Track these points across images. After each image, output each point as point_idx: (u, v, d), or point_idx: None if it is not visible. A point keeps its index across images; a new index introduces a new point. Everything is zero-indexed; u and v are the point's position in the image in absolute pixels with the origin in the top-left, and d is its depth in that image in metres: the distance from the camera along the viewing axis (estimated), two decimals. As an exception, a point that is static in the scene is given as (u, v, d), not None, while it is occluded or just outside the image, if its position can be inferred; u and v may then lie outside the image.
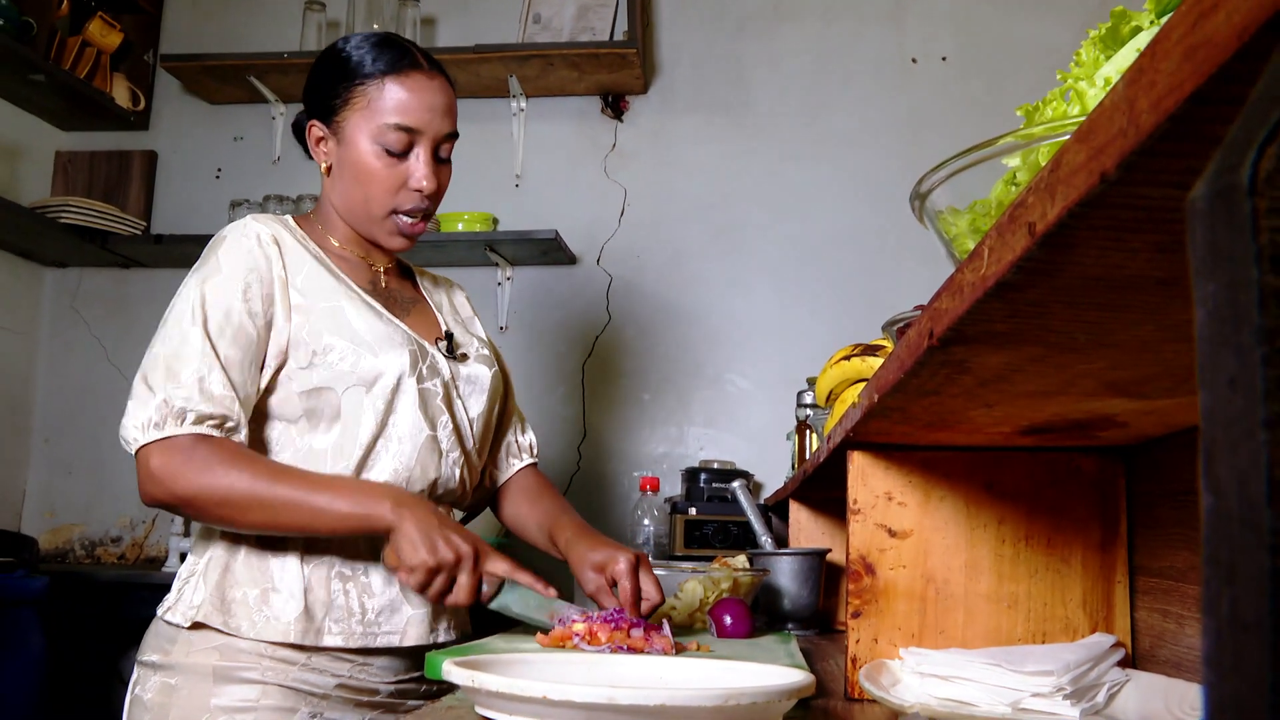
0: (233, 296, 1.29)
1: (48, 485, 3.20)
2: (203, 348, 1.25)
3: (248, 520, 1.24)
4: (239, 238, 1.35)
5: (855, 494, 1.02)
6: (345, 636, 1.31)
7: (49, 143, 3.33)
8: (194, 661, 1.27)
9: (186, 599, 1.31)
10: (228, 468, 1.22)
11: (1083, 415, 0.82)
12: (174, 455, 1.22)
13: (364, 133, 1.38)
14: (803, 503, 1.96)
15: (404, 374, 1.35)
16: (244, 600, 1.29)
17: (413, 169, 1.39)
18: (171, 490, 1.22)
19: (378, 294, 1.45)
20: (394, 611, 1.35)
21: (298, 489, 1.23)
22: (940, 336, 0.58)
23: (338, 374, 1.33)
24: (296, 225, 1.44)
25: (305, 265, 1.37)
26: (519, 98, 3.19)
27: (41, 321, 3.28)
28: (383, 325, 1.37)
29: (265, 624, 1.28)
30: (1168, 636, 0.92)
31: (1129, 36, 0.65)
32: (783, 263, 3.06)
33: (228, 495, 1.22)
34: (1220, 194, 0.18)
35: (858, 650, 1.00)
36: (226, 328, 1.28)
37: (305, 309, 1.33)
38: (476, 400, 1.48)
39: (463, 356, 1.49)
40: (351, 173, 1.40)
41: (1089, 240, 0.41)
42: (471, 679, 0.71)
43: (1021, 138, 0.64)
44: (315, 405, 1.33)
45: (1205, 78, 0.28)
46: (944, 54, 3.13)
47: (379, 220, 1.41)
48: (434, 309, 1.55)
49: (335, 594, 1.33)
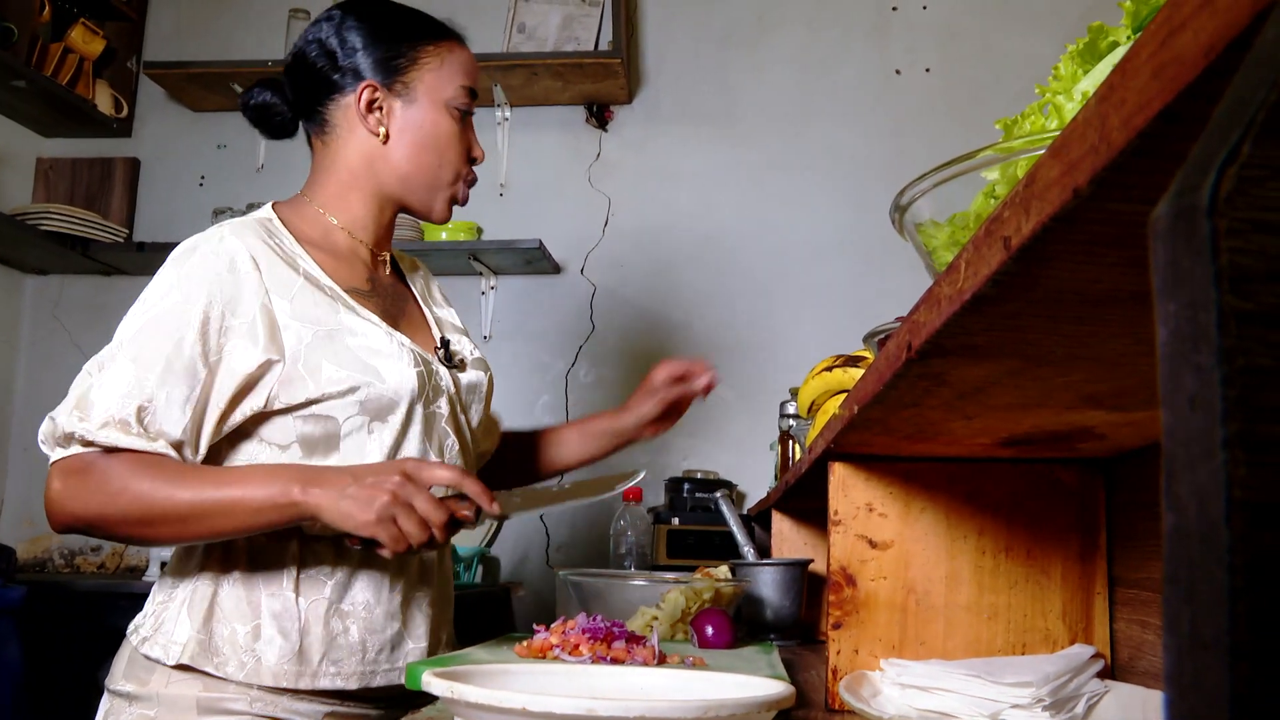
0: (184, 328, 1.15)
1: (26, 494, 3.18)
2: (130, 386, 1.12)
3: (159, 535, 1.12)
4: (209, 257, 1.19)
5: (836, 505, 1.02)
6: (343, 678, 1.22)
7: (30, 149, 3.31)
8: (175, 693, 1.18)
9: (167, 633, 1.20)
10: (126, 481, 1.09)
11: (1061, 427, 0.83)
12: (71, 476, 1.11)
13: (437, 92, 1.33)
14: (785, 513, 1.96)
15: (415, 400, 1.25)
16: (232, 638, 1.19)
17: (471, 136, 1.38)
18: (71, 513, 1.11)
19: (377, 294, 1.34)
20: (395, 648, 1.27)
21: (202, 490, 1.09)
22: (918, 349, 0.58)
23: (341, 404, 1.21)
24: (281, 223, 1.30)
25: (293, 285, 1.22)
26: (503, 107, 3.20)
27: (21, 329, 3.26)
28: (388, 346, 1.25)
29: (256, 665, 1.18)
30: (1147, 648, 0.93)
31: (1106, 51, 0.66)
32: (766, 273, 3.07)
33: (126, 511, 1.09)
34: (1181, 214, 0.18)
35: (838, 661, 1.00)
36: (174, 362, 1.13)
37: (299, 340, 1.20)
38: (476, 410, 1.41)
39: (461, 364, 1.40)
40: (424, 136, 1.33)
41: (1063, 254, 0.42)
42: (451, 690, 0.71)
43: (1000, 151, 0.64)
44: (311, 432, 1.21)
45: (1174, 95, 0.28)
46: (927, 65, 3.14)
47: (445, 186, 1.36)
48: (419, 304, 1.44)
49: (335, 632, 1.22)
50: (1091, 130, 0.34)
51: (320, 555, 1.23)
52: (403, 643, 1.28)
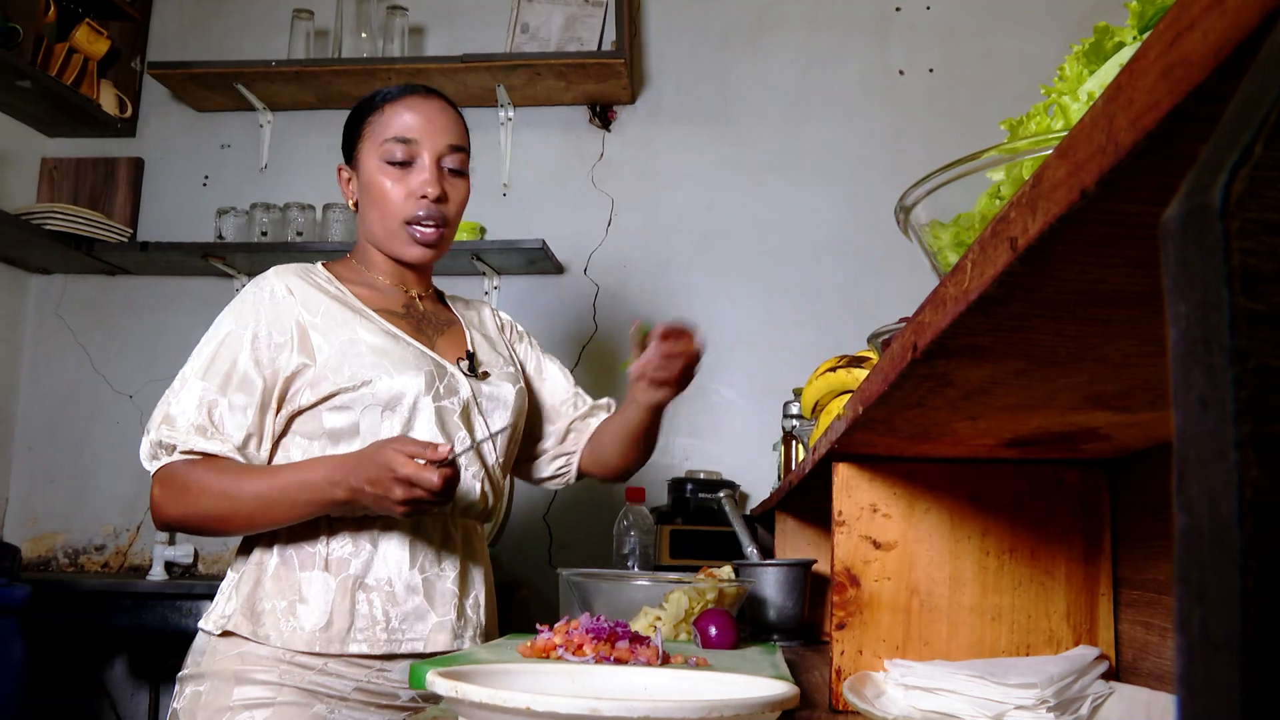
0: (239, 349, 1.41)
1: (30, 493, 3.18)
2: (200, 397, 1.38)
3: (232, 529, 1.38)
4: (255, 291, 1.47)
5: (840, 506, 1.02)
6: (370, 644, 1.39)
7: (35, 149, 3.32)
8: (219, 667, 1.37)
9: (220, 609, 1.42)
10: (202, 487, 1.34)
11: (1066, 428, 0.83)
12: (165, 484, 1.36)
13: (371, 154, 1.51)
14: (788, 514, 1.96)
15: (420, 393, 1.44)
16: (273, 611, 1.39)
17: (416, 178, 1.50)
18: (166, 516, 1.37)
19: (411, 317, 1.56)
20: (419, 619, 1.43)
21: (261, 491, 1.34)
22: (923, 350, 0.58)
23: (357, 396, 1.42)
24: (325, 270, 1.55)
25: (322, 305, 1.47)
26: (506, 107, 3.20)
27: (25, 328, 3.26)
28: (399, 349, 1.47)
29: (292, 633, 1.37)
30: (1151, 649, 0.93)
31: (1112, 51, 0.66)
32: (769, 273, 3.07)
33: (207, 513, 1.35)
34: (1192, 215, 0.18)
35: (842, 662, 1.00)
36: (233, 376, 1.39)
37: (325, 346, 1.43)
38: (500, 415, 1.56)
39: (484, 375, 1.57)
40: (368, 195, 1.52)
41: (1070, 255, 0.42)
42: (455, 689, 0.71)
43: (1005, 152, 0.64)
44: (336, 425, 1.43)
45: (1182, 96, 0.28)
46: (930, 65, 3.14)
47: (394, 233, 1.51)
48: (465, 329, 1.64)
49: (360, 604, 1.41)
50: (1099, 131, 0.34)
51: (344, 542, 1.43)
52: (426, 615, 1.43)
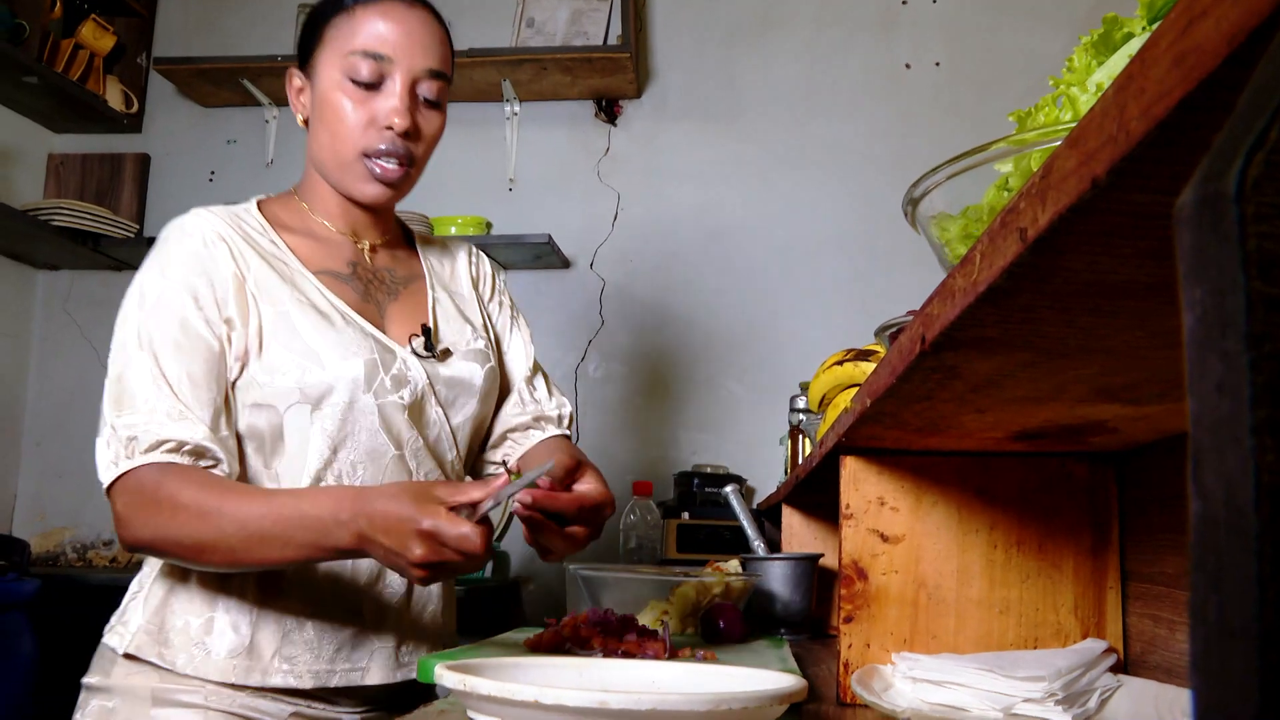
0: (184, 305, 1.15)
1: (39, 488, 3.19)
2: (152, 370, 1.12)
3: (209, 562, 1.08)
4: (182, 237, 1.20)
5: (848, 499, 1.02)
6: (296, 676, 1.16)
7: (41, 145, 3.32)
8: (132, 684, 1.16)
9: (126, 622, 1.20)
10: (176, 503, 1.06)
11: (1074, 421, 0.82)
12: (132, 496, 1.09)
13: (333, 66, 1.23)
14: (795, 507, 1.96)
15: (358, 389, 1.18)
16: (184, 630, 1.16)
17: (383, 103, 1.22)
18: (134, 536, 1.09)
19: (358, 279, 1.28)
20: (356, 646, 1.20)
21: (246, 526, 1.04)
22: (932, 342, 0.58)
23: (280, 390, 1.17)
24: (259, 212, 1.28)
25: (253, 263, 1.21)
26: (512, 102, 3.19)
27: (33, 324, 3.27)
28: (335, 332, 1.19)
29: (204, 659, 1.14)
30: (1159, 642, 0.93)
31: (1121, 42, 0.65)
32: (775, 267, 3.07)
33: (180, 539, 1.06)
34: (1207, 200, 0.18)
35: (850, 655, 1.00)
36: (183, 342, 1.13)
37: (256, 314, 1.18)
38: (463, 405, 1.30)
39: (444, 354, 1.29)
40: (321, 113, 1.25)
41: (1080, 246, 0.42)
42: (463, 682, 0.71)
43: (1014, 143, 0.64)
44: (254, 423, 1.18)
45: (1194, 85, 0.28)
46: (937, 60, 3.13)
47: (348, 164, 1.24)
48: (429, 290, 1.36)
49: (288, 627, 1.17)
50: (1110, 120, 0.34)
51: None
52: (365, 642, 1.21)
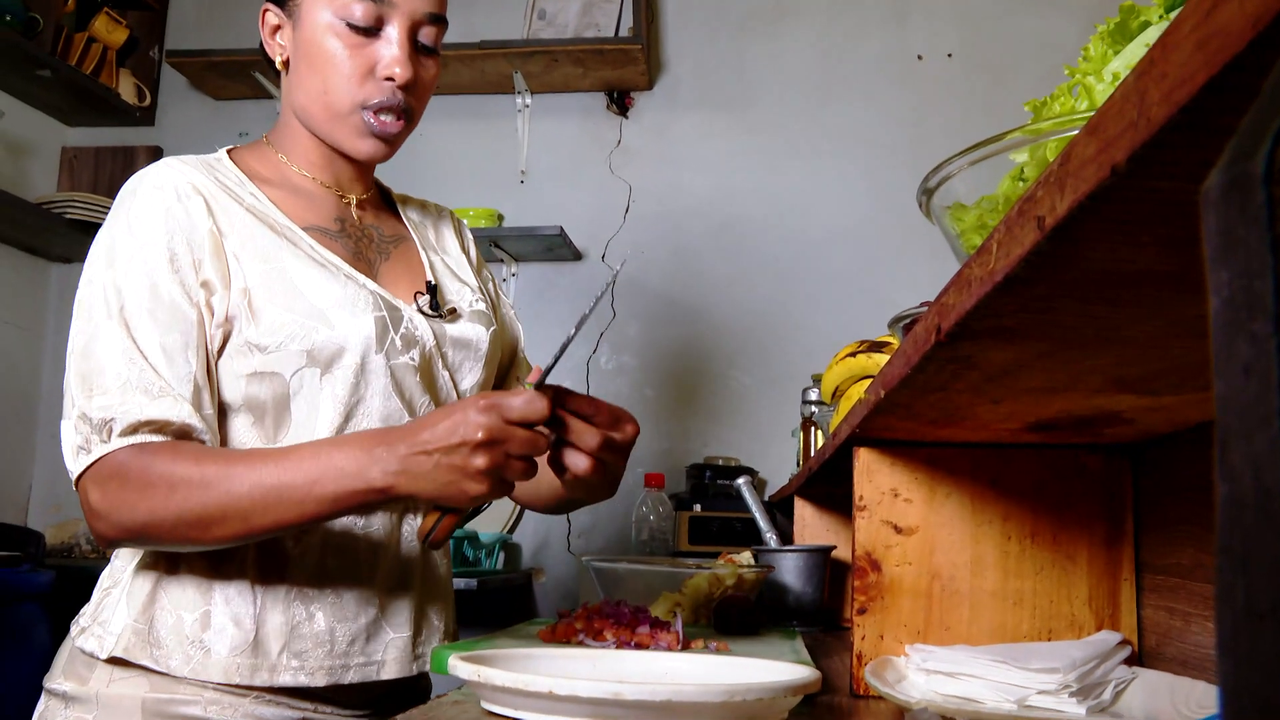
0: (156, 269, 1.02)
1: (53, 480, 3.21)
2: (123, 341, 0.99)
3: (218, 536, 0.96)
4: (152, 191, 1.06)
5: (861, 490, 1.02)
6: (308, 673, 1.05)
7: (55, 138, 3.34)
8: (117, 693, 1.03)
9: (104, 622, 1.05)
10: (172, 480, 0.95)
11: (1090, 411, 0.82)
12: (110, 482, 0.97)
13: (323, 6, 1.11)
14: (808, 499, 1.96)
15: (370, 349, 1.08)
16: (177, 628, 1.03)
17: (382, 52, 1.11)
18: (120, 525, 0.97)
19: (347, 235, 1.18)
20: (371, 637, 1.10)
21: (261, 483, 0.94)
22: (948, 332, 0.58)
23: (286, 355, 1.05)
24: (233, 163, 1.16)
25: (236, 217, 1.09)
26: (524, 94, 3.19)
27: (47, 317, 3.29)
28: (339, 287, 1.09)
29: (204, 659, 1.02)
30: (1174, 634, 0.92)
31: (1137, 31, 0.65)
32: (787, 258, 3.06)
33: (183, 514, 0.95)
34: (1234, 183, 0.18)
35: (863, 647, 1.00)
36: (156, 310, 1.01)
37: (241, 274, 1.06)
38: (470, 369, 1.21)
39: (451, 313, 1.21)
40: (309, 58, 1.12)
41: (1098, 234, 0.41)
42: (478, 674, 0.71)
43: (1029, 133, 0.64)
44: (256, 394, 1.06)
45: (1218, 68, 0.28)
46: (949, 50, 3.12)
47: (342, 116, 1.13)
48: (420, 250, 1.26)
49: (297, 618, 1.06)
50: (1130, 106, 0.34)
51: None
52: (380, 632, 1.11)
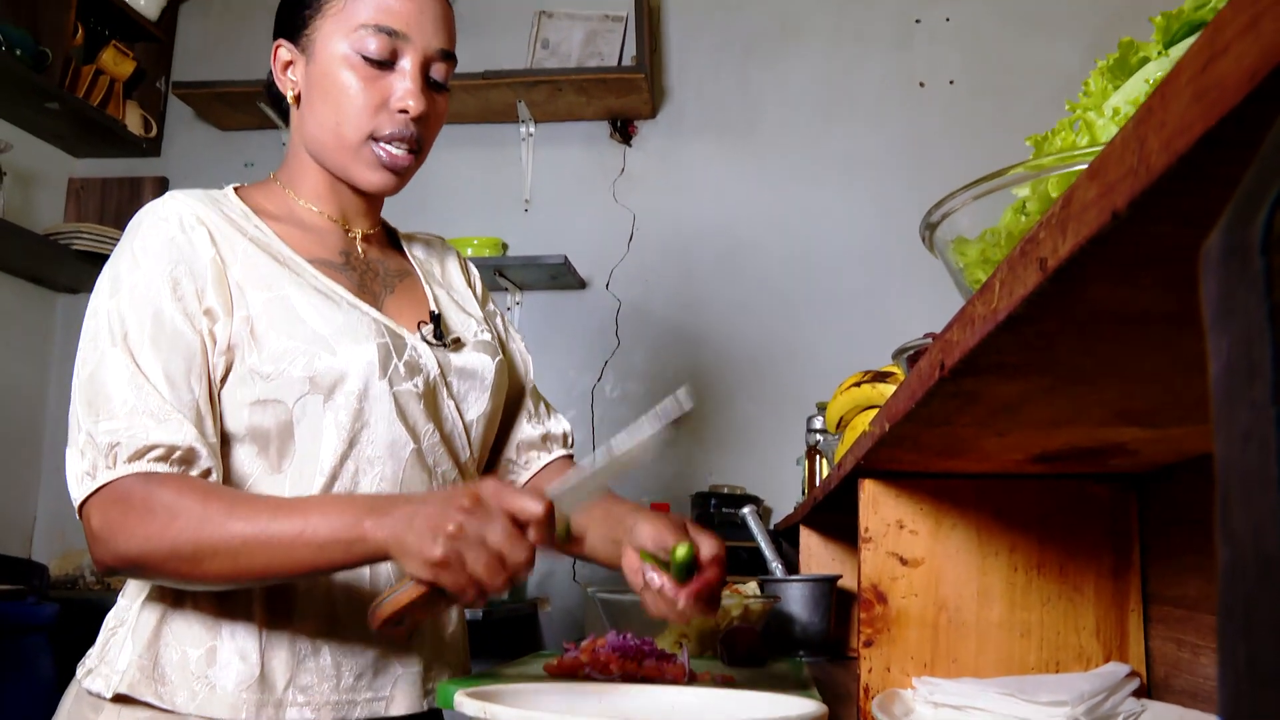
0: (159, 297, 1.04)
1: (58, 511, 3.21)
2: (128, 368, 1.01)
3: (206, 573, 0.96)
4: (157, 222, 1.10)
5: (867, 522, 1.02)
6: (314, 709, 1.05)
7: (62, 170, 3.36)
8: None
9: (110, 662, 1.05)
10: (173, 510, 0.96)
11: (1094, 443, 0.82)
12: (113, 508, 0.98)
13: (338, 40, 1.13)
14: (813, 528, 1.96)
15: (373, 376, 1.09)
16: (182, 664, 1.03)
17: (395, 85, 1.13)
18: (116, 552, 0.98)
19: (352, 268, 1.19)
20: (379, 672, 1.10)
21: (257, 521, 0.95)
22: (951, 368, 0.58)
23: (288, 381, 1.06)
24: (239, 199, 1.19)
25: (239, 247, 1.11)
26: (528, 123, 3.21)
27: (53, 347, 3.30)
28: (341, 314, 1.10)
29: (209, 694, 1.02)
30: (1183, 666, 0.92)
31: (1137, 66, 0.66)
32: (791, 284, 3.07)
33: (175, 546, 0.95)
34: (1233, 250, 0.18)
35: (870, 679, 1.00)
36: (159, 336, 1.03)
37: (244, 303, 1.07)
38: (476, 399, 1.21)
39: (455, 343, 1.21)
40: (322, 90, 1.14)
41: (1100, 276, 0.42)
42: (483, 710, 0.71)
43: (1031, 168, 0.64)
44: (260, 422, 1.07)
45: (1215, 120, 0.28)
46: (951, 77, 3.14)
47: (354, 148, 1.14)
48: (424, 283, 1.27)
49: (302, 652, 1.06)
50: (1130, 153, 0.34)
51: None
52: (388, 667, 1.11)
